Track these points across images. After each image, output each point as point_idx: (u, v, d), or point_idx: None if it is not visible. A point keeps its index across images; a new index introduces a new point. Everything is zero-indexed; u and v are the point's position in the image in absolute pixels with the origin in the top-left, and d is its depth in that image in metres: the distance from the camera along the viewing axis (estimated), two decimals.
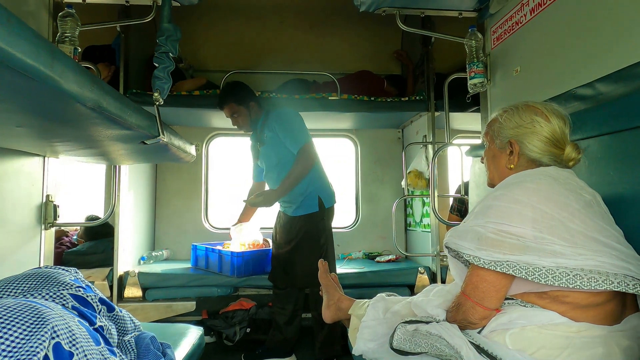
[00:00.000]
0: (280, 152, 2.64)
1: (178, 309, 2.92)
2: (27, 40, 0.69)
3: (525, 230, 1.00)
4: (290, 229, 2.66)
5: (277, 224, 2.81)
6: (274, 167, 2.69)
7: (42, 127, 1.34)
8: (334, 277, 1.64)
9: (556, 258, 0.96)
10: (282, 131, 2.61)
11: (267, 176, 2.80)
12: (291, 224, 2.66)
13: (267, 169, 2.77)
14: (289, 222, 2.68)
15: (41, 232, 2.08)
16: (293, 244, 2.64)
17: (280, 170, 2.65)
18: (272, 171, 2.71)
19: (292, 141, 2.59)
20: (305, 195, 2.62)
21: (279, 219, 2.81)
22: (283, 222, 2.73)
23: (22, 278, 1.07)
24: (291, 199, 2.65)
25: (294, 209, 2.66)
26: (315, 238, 2.62)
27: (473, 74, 2.16)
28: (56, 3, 2.07)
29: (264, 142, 2.69)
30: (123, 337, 1.18)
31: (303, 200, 2.63)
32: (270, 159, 2.70)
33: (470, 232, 1.06)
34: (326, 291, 1.59)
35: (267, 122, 2.67)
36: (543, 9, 1.76)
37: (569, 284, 0.94)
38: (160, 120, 1.53)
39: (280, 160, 2.65)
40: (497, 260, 0.98)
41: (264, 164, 2.77)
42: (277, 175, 2.67)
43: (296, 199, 2.63)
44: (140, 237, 3.39)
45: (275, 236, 2.81)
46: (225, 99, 2.70)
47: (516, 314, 1.01)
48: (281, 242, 2.72)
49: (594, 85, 1.42)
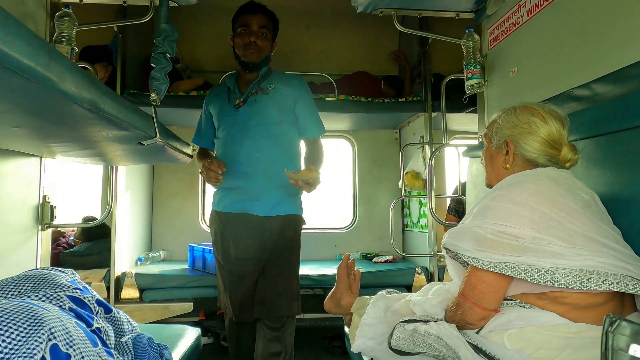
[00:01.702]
0: (284, 117, 1.99)
1: (175, 310, 2.92)
2: (24, 40, 0.69)
3: (524, 231, 1.00)
4: (263, 234, 1.92)
5: (229, 231, 1.97)
6: (267, 131, 1.94)
7: (39, 128, 1.33)
8: (357, 274, 1.59)
9: (555, 259, 0.96)
10: (308, 103, 2.05)
11: (241, 143, 1.95)
12: (263, 227, 1.92)
13: (248, 131, 1.95)
14: (260, 225, 1.92)
15: (38, 233, 2.07)
16: (269, 256, 1.93)
17: (276, 139, 1.96)
18: (259, 136, 1.94)
19: (316, 122, 2.07)
20: (292, 191, 1.95)
21: (232, 224, 1.96)
22: (246, 226, 1.93)
23: (19, 280, 1.07)
24: (265, 191, 1.92)
25: (271, 207, 1.93)
26: (296, 249, 2.01)
27: (470, 74, 2.16)
28: (53, 3, 2.06)
29: (267, 93, 1.98)
30: (120, 338, 1.17)
31: (288, 195, 1.96)
32: (267, 118, 1.96)
33: (468, 233, 1.06)
34: (337, 282, 1.57)
35: (280, 78, 2.04)
36: (540, 10, 1.77)
37: (568, 284, 0.94)
38: (157, 120, 1.53)
39: (282, 127, 1.98)
40: (496, 261, 0.98)
41: (247, 123, 1.95)
42: (272, 145, 1.94)
43: (277, 191, 1.93)
44: (137, 238, 3.38)
45: (227, 249, 1.97)
46: (272, 15, 2.06)
47: (515, 314, 1.01)
48: (246, 256, 1.92)
49: (590, 86, 1.43)
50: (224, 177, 1.93)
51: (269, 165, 1.93)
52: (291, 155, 2.03)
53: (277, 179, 1.90)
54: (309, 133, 2.07)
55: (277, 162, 1.93)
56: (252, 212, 1.93)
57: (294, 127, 2.04)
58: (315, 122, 2.08)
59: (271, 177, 1.93)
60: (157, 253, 3.50)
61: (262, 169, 1.93)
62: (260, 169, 1.93)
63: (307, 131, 2.07)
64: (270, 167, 1.92)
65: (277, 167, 1.89)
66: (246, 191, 1.94)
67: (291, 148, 2.03)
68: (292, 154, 2.03)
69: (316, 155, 2.05)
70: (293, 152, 2.04)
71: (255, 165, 1.93)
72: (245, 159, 1.93)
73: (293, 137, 2.04)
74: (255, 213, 1.93)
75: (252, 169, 1.93)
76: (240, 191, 1.96)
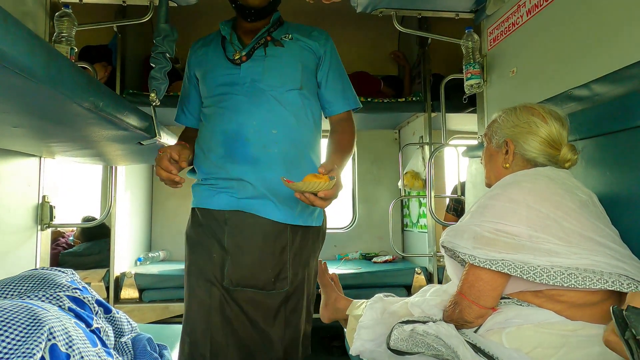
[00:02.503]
0: (307, 81, 1.42)
1: (175, 310, 2.92)
2: (23, 40, 0.69)
3: (521, 229, 1.00)
4: (283, 250, 1.31)
5: (228, 236, 1.31)
6: (284, 99, 1.36)
7: (38, 128, 1.33)
8: (334, 277, 1.64)
9: (551, 257, 0.96)
10: (336, 65, 1.49)
11: (247, 114, 1.35)
12: (281, 238, 1.31)
13: (257, 97, 1.36)
14: (278, 236, 1.31)
15: (37, 233, 2.07)
16: (295, 282, 1.33)
17: (297, 111, 1.38)
18: (273, 105, 1.35)
19: (347, 91, 1.49)
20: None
21: (231, 226, 1.32)
22: (254, 233, 1.30)
23: (18, 280, 1.07)
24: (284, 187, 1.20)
25: (298, 211, 1.34)
26: (314, 272, 1.45)
27: (469, 75, 2.16)
28: (53, 3, 2.06)
29: (282, 45, 1.42)
30: (120, 338, 1.17)
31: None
32: (285, 79, 1.38)
33: (466, 231, 1.06)
34: (324, 291, 1.59)
35: (297, 28, 1.49)
36: (539, 10, 1.77)
37: (563, 282, 0.95)
38: (156, 120, 1.53)
39: (305, 94, 1.40)
40: (493, 258, 0.99)
41: (254, 86, 1.36)
42: (292, 119, 1.36)
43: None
44: (136, 238, 3.38)
45: (220, 269, 1.30)
46: None
47: (512, 312, 1.01)
48: (253, 282, 1.28)
49: (589, 86, 1.43)
50: (212, 166, 1.35)
51: (288, 148, 1.33)
52: (316, 137, 1.44)
53: (299, 169, 1.32)
54: (336, 106, 1.46)
55: (299, 146, 1.35)
56: (265, 215, 1.29)
57: (317, 98, 1.47)
58: (346, 91, 1.47)
59: (292, 166, 1.32)
60: (157, 253, 3.49)
61: (280, 153, 1.32)
62: (278, 153, 1.31)
63: (334, 103, 1.45)
64: (290, 152, 1.33)
65: (298, 153, 1.35)
66: (254, 186, 1.30)
67: (316, 127, 1.44)
68: (316, 136, 1.45)
69: (344, 144, 1.42)
70: (317, 133, 1.45)
71: (271, 147, 1.31)
72: (254, 136, 1.31)
73: (316, 111, 1.45)
74: (270, 217, 1.29)
75: (265, 152, 1.31)
76: (243, 186, 1.31)
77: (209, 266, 1.32)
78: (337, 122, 1.48)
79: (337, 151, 1.40)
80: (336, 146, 1.42)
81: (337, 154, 1.38)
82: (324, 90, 1.46)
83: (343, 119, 1.48)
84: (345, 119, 1.48)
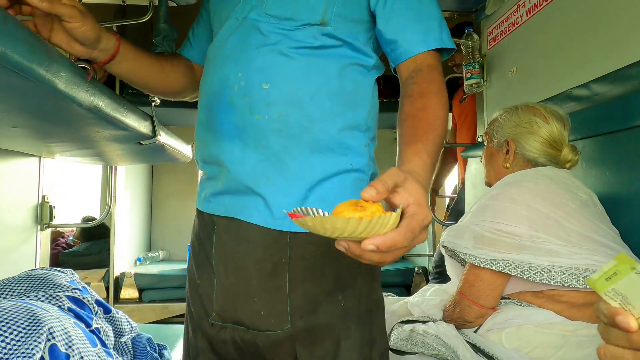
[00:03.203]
0: (338, 8, 0.85)
1: (175, 310, 2.92)
2: (23, 40, 0.69)
3: (521, 229, 1.00)
4: (276, 266, 0.82)
5: (216, 252, 0.88)
6: (289, 39, 0.84)
7: (38, 128, 1.33)
8: None
9: (551, 257, 0.96)
10: None
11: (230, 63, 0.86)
12: (278, 254, 0.82)
13: (246, 35, 0.86)
14: (273, 251, 0.82)
15: (37, 233, 2.07)
16: (304, 318, 0.81)
17: (311, 60, 0.84)
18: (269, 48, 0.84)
19: (428, 20, 0.87)
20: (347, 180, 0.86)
21: (218, 237, 0.88)
22: (238, 247, 0.85)
23: (17, 280, 1.06)
24: (285, 175, 0.82)
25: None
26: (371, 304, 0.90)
27: (469, 74, 2.16)
28: None
29: None
30: (119, 338, 1.17)
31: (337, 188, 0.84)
32: (292, 5, 0.85)
33: (467, 231, 1.06)
34: None
35: None
36: (539, 10, 1.77)
37: (564, 282, 0.95)
38: (156, 120, 1.53)
39: (328, 32, 0.85)
40: (493, 258, 0.99)
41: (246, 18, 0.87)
42: (299, 72, 0.83)
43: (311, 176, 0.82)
44: (136, 238, 3.38)
45: (205, 292, 0.89)
46: None
47: (512, 313, 1.01)
48: (238, 316, 0.84)
49: (589, 86, 1.43)
50: (199, 144, 0.95)
51: (290, 115, 0.82)
52: (350, 104, 0.87)
53: (316, 161, 0.83)
54: (407, 44, 0.86)
55: (313, 114, 0.83)
56: (250, 219, 0.83)
57: (367, 40, 0.91)
58: (425, 20, 0.87)
59: (299, 153, 0.82)
60: (157, 253, 3.49)
61: (274, 122, 0.81)
62: (269, 122, 0.82)
63: (403, 40, 0.86)
64: (294, 122, 0.82)
65: (311, 127, 0.82)
66: (233, 174, 0.84)
67: (352, 89, 0.87)
68: (352, 103, 0.88)
69: (426, 118, 0.79)
70: (355, 98, 0.88)
71: (259, 110, 0.82)
72: (238, 95, 0.84)
73: (359, 59, 0.89)
74: (256, 221, 0.83)
75: (252, 119, 0.82)
76: (223, 173, 0.87)
77: (196, 296, 0.93)
78: (410, 75, 0.85)
79: (411, 139, 0.75)
80: (410, 128, 0.78)
81: (412, 146, 0.74)
82: (384, 21, 0.86)
83: (420, 68, 0.84)
84: (424, 67, 0.84)
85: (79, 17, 0.79)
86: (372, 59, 0.92)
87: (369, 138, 0.93)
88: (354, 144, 0.88)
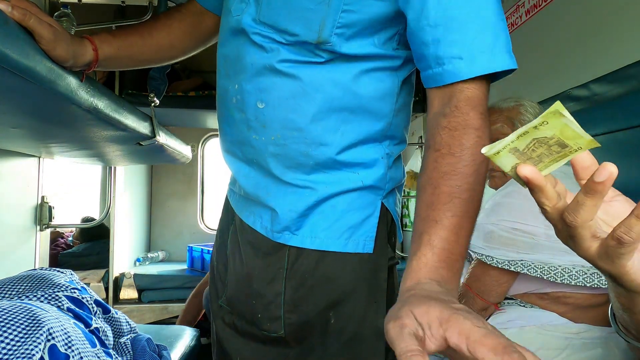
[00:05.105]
0: (346, 20, 0.69)
1: (174, 311, 2.91)
2: (22, 40, 0.69)
3: (537, 228, 0.99)
4: (276, 275, 0.81)
5: (229, 243, 0.91)
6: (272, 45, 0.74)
7: (37, 129, 1.33)
8: None
9: (570, 256, 0.95)
10: None
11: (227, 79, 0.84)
12: (277, 260, 0.80)
13: (240, 49, 0.79)
14: (268, 255, 0.81)
15: (36, 234, 2.07)
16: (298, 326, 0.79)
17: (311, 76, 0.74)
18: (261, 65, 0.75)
19: (483, 32, 0.63)
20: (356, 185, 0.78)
21: (232, 233, 0.90)
22: (246, 251, 0.85)
23: (17, 280, 1.06)
24: (280, 189, 0.80)
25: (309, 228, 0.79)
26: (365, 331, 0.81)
27: None
28: (52, 3, 2.06)
29: None
30: (119, 339, 1.17)
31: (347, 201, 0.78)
32: (288, 15, 0.71)
33: (479, 230, 1.05)
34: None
35: None
36: (538, 10, 1.77)
37: (586, 282, 0.93)
38: (155, 121, 1.53)
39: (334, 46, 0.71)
40: (511, 259, 0.98)
41: (239, 28, 0.77)
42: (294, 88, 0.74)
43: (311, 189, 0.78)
44: (135, 239, 3.38)
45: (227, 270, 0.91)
46: None
47: (515, 314, 1.01)
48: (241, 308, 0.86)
49: (589, 86, 1.43)
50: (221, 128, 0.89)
51: (285, 139, 0.77)
52: (364, 114, 0.77)
53: (310, 168, 0.78)
54: (439, 64, 0.63)
55: (310, 138, 0.76)
56: (255, 227, 0.84)
57: (381, 41, 0.74)
58: (479, 34, 0.63)
59: (299, 168, 0.78)
60: (156, 253, 3.49)
61: (269, 145, 0.78)
62: (265, 144, 0.78)
63: (437, 57, 0.63)
64: (288, 146, 0.77)
65: (310, 152, 0.76)
66: (241, 185, 0.86)
67: (369, 97, 0.76)
68: (368, 113, 0.77)
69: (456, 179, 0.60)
70: (372, 107, 0.77)
71: (255, 129, 0.79)
72: (236, 108, 0.81)
73: (372, 68, 0.75)
74: (257, 228, 0.83)
75: (250, 137, 0.80)
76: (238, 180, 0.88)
77: (214, 274, 0.97)
78: (442, 110, 0.64)
79: (433, 209, 0.60)
80: (433, 192, 0.62)
81: (433, 226, 0.59)
82: (418, 30, 0.65)
83: (459, 100, 0.62)
84: (464, 99, 0.62)
85: (51, 39, 0.73)
86: (398, 59, 0.76)
87: (389, 146, 0.81)
88: (365, 159, 0.79)
